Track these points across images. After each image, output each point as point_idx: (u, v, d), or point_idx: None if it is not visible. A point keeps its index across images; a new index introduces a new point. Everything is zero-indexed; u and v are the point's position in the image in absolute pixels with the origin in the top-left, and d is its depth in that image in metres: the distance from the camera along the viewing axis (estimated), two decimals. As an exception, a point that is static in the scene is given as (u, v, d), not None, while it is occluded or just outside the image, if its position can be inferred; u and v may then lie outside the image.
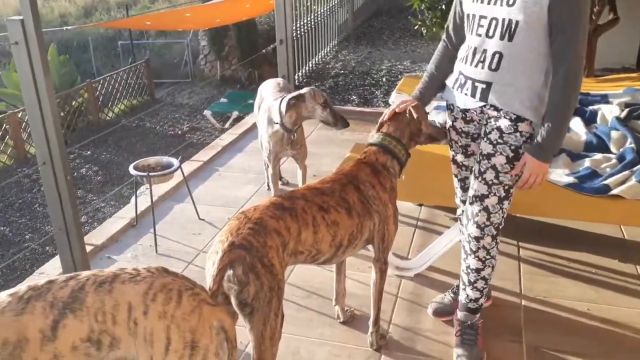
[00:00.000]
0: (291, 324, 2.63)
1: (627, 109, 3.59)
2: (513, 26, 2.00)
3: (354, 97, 6.15)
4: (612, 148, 3.20)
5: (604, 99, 3.79)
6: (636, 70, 5.36)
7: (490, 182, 2.18)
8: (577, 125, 3.45)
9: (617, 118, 3.40)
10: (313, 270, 3.03)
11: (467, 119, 2.28)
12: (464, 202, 2.49)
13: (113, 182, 8.00)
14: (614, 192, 2.72)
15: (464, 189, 2.45)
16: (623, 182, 2.77)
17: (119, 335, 1.43)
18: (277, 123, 3.14)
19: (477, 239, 2.27)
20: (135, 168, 3.34)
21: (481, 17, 2.07)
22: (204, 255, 3.20)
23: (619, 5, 5.11)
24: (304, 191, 2.14)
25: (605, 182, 2.79)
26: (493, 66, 2.07)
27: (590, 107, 3.63)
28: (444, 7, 4.82)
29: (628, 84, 4.16)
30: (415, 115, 2.32)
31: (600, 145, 3.26)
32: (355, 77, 6.79)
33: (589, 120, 3.51)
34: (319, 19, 7.17)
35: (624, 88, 3.99)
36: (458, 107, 2.27)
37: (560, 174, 2.93)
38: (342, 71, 7.07)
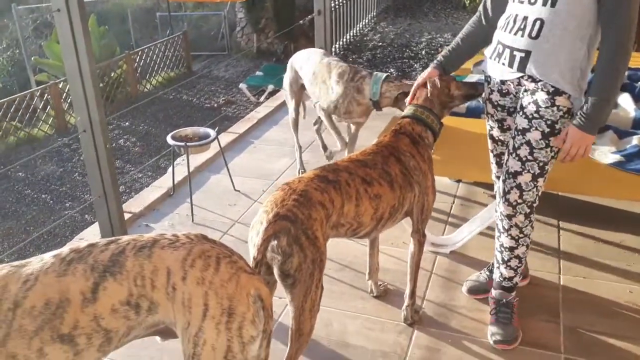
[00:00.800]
0: (324, 296, 2.60)
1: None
2: None
3: (392, 70, 6.06)
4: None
5: (655, 75, 3.62)
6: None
7: (524, 159, 2.11)
8: (625, 101, 3.32)
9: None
10: (346, 244, 3.01)
11: (504, 91, 2.21)
12: (499, 178, 2.43)
13: (151, 153, 8.12)
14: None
15: (500, 164, 2.39)
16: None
17: (157, 300, 1.44)
18: (371, 100, 3.07)
19: (509, 217, 2.22)
20: (173, 138, 3.37)
21: None
22: (239, 226, 3.26)
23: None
24: (347, 163, 2.12)
25: (654, 160, 2.69)
26: (534, 34, 1.99)
27: (640, 83, 3.49)
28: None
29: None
30: (437, 86, 2.31)
31: (650, 122, 3.13)
32: (394, 50, 6.67)
33: (639, 96, 3.36)
34: (358, -10, 7.05)
35: (677, 63, 3.81)
36: (495, 78, 2.21)
37: (606, 152, 2.83)
38: (381, 43, 6.95)
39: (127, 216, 3.17)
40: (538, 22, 1.97)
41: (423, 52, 6.43)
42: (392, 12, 8.42)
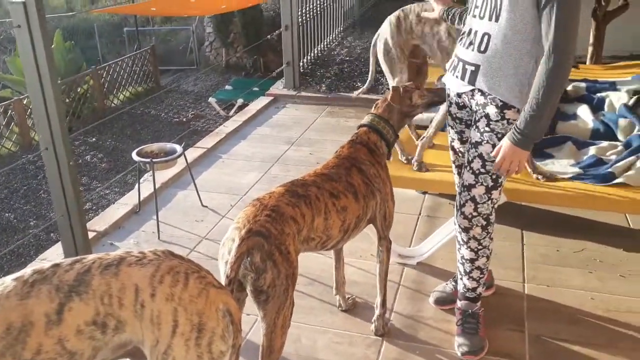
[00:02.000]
0: (294, 311, 2.66)
1: (636, 97, 3.54)
2: (499, 5, 1.96)
3: (359, 84, 6.10)
4: (620, 136, 3.17)
5: (612, 87, 3.74)
6: (645, 57, 5.28)
7: (477, 172, 2.15)
8: (584, 112, 3.41)
9: (626, 105, 3.36)
10: (314, 257, 3.01)
11: (460, 104, 2.26)
12: None
13: (118, 169, 8.01)
14: (619, 179, 2.68)
15: (460, 175, 2.43)
16: (628, 169, 2.74)
17: (125, 318, 1.42)
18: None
19: (467, 229, 2.25)
20: (139, 154, 3.33)
21: None
22: (207, 242, 3.23)
23: (628, -9, 5.03)
24: (314, 178, 2.14)
25: (610, 169, 2.76)
26: (482, 48, 2.04)
27: (598, 95, 3.59)
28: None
29: (636, 71, 4.11)
30: (399, 93, 2.36)
31: (607, 133, 3.23)
32: (361, 64, 6.73)
33: (597, 107, 3.47)
34: (325, 4, 7.10)
35: (632, 75, 3.94)
36: (452, 91, 2.26)
37: (565, 165, 2.90)
38: (348, 58, 7.01)
39: (91, 235, 3.12)
40: (486, 37, 2.02)
41: (390, 66, 6.49)
42: (358, 26, 8.51)
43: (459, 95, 2.23)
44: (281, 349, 1.92)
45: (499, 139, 2.07)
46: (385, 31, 3.30)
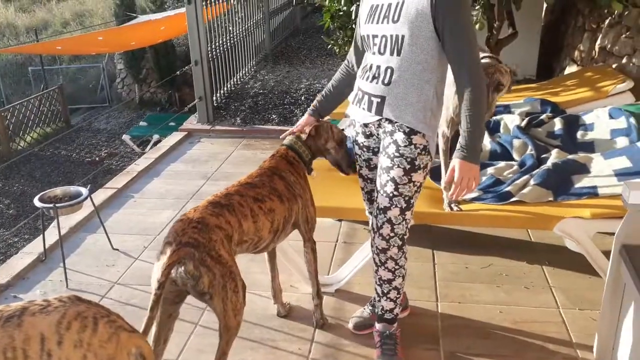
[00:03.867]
0: (211, 335, 2.60)
1: (528, 118, 3.80)
2: (400, 41, 2.11)
3: (273, 116, 6.17)
4: (515, 155, 3.37)
5: (507, 109, 3.99)
6: (536, 80, 5.70)
7: (391, 195, 2.24)
8: (482, 135, 3.61)
9: (519, 127, 3.59)
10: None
11: (367, 133, 2.36)
12: (372, 214, 2.55)
13: (27, 215, 7.59)
14: (516, 197, 2.85)
15: (371, 201, 2.52)
16: (524, 187, 2.92)
17: None
18: None
19: (384, 250, 2.32)
20: (41, 200, 3.18)
21: (374, 36, 2.19)
22: (119, 287, 3.12)
23: (517, 20, 5.43)
24: (237, 187, 2.32)
25: (508, 188, 2.93)
26: (386, 81, 2.17)
27: (494, 117, 3.82)
28: (353, 26, 4.95)
29: (528, 94, 4.40)
30: (312, 135, 2.56)
31: (503, 153, 3.42)
32: (275, 97, 6.82)
33: (493, 129, 3.68)
34: (236, 39, 7.16)
35: (524, 98, 4.22)
36: (358, 121, 2.36)
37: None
38: (262, 91, 7.08)
39: (-9, 288, 2.93)
40: (389, 70, 2.16)
41: (302, 98, 6.63)
42: (270, 60, 8.63)
43: (365, 125, 2.33)
44: (238, 326, 2.12)
45: (409, 163, 2.20)
46: None
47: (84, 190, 3.25)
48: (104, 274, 3.24)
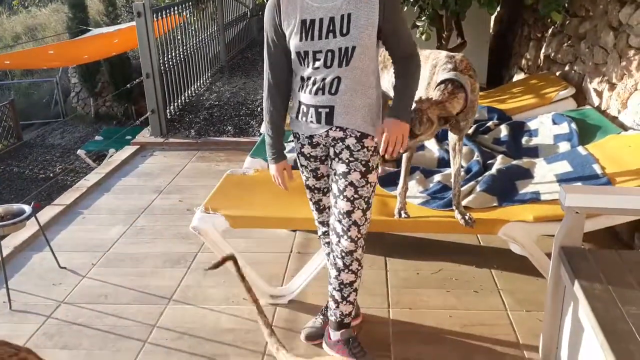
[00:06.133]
0: (160, 352, 2.61)
1: (475, 125, 3.89)
2: (350, 52, 2.13)
3: (229, 127, 6.13)
4: (462, 162, 3.43)
5: (455, 117, 4.06)
6: (486, 89, 5.83)
7: (351, 198, 2.28)
8: (430, 143, 3.68)
9: (466, 135, 3.66)
10: (182, 310, 2.95)
11: (314, 143, 2.36)
12: (322, 223, 2.57)
13: (-26, 235, 7.31)
14: (462, 203, 2.90)
15: (320, 210, 2.53)
16: (470, 193, 2.98)
17: None
18: None
19: (351, 252, 2.34)
20: (-18, 219, 3.07)
21: (315, 52, 2.15)
22: (66, 306, 3.04)
23: (466, 30, 5.56)
24: None
25: (454, 194, 2.98)
26: (333, 90, 2.19)
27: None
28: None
29: (476, 102, 4.49)
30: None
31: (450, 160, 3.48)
32: (231, 108, 6.78)
33: (442, 137, 3.75)
34: (190, 51, 7.10)
35: (472, 106, 4.30)
36: (303, 134, 2.36)
37: (415, 192, 3.09)
38: (217, 102, 7.03)
39: None
40: (336, 80, 2.17)
41: (259, 109, 6.62)
42: (226, 72, 8.59)
43: (311, 136, 2.33)
44: None
45: (364, 165, 2.26)
46: None
47: (27, 208, 3.15)
48: (50, 294, 3.14)
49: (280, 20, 2.19)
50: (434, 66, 2.71)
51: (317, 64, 2.17)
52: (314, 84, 2.21)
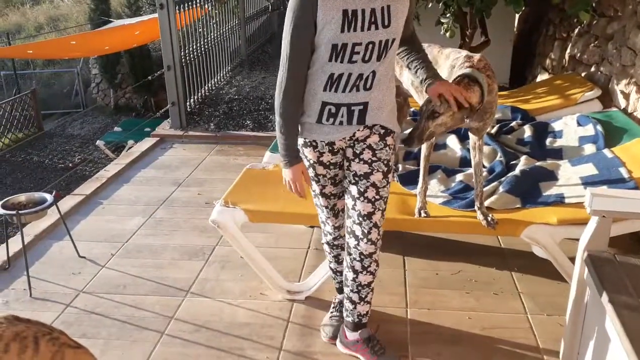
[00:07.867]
0: (177, 344, 2.62)
1: (497, 125, 3.83)
2: (389, 45, 2.08)
3: (248, 121, 6.13)
4: (484, 162, 3.39)
5: (478, 116, 4.01)
6: (509, 88, 5.76)
7: (373, 200, 2.24)
8: (452, 142, 3.63)
9: (489, 134, 3.62)
10: (199, 303, 2.95)
11: (335, 150, 2.25)
12: (337, 228, 2.49)
13: (-5, 222, 7.41)
14: (485, 203, 2.86)
15: (336, 215, 2.45)
16: (492, 194, 2.93)
17: None
18: None
19: (371, 254, 2.32)
20: (4, 206, 3.10)
21: (355, 44, 2.02)
22: (84, 296, 3.06)
23: (490, 29, 5.49)
24: None
25: (476, 194, 2.94)
26: (368, 85, 2.12)
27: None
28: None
29: (499, 101, 4.42)
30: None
31: (473, 160, 3.44)
32: (250, 102, 6.78)
33: (464, 137, 3.70)
34: (210, 44, 7.11)
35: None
36: (323, 141, 2.22)
37: (436, 192, 3.05)
38: (237, 96, 7.04)
39: (-50, 298, 2.85)
40: (371, 75, 2.10)
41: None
42: (246, 66, 8.60)
43: (331, 143, 2.23)
44: None
45: (385, 165, 2.22)
46: None
47: (49, 197, 3.18)
48: (69, 282, 3.17)
49: (317, 9, 1.99)
50: (452, 67, 2.64)
51: (355, 57, 2.04)
52: (347, 80, 2.08)
